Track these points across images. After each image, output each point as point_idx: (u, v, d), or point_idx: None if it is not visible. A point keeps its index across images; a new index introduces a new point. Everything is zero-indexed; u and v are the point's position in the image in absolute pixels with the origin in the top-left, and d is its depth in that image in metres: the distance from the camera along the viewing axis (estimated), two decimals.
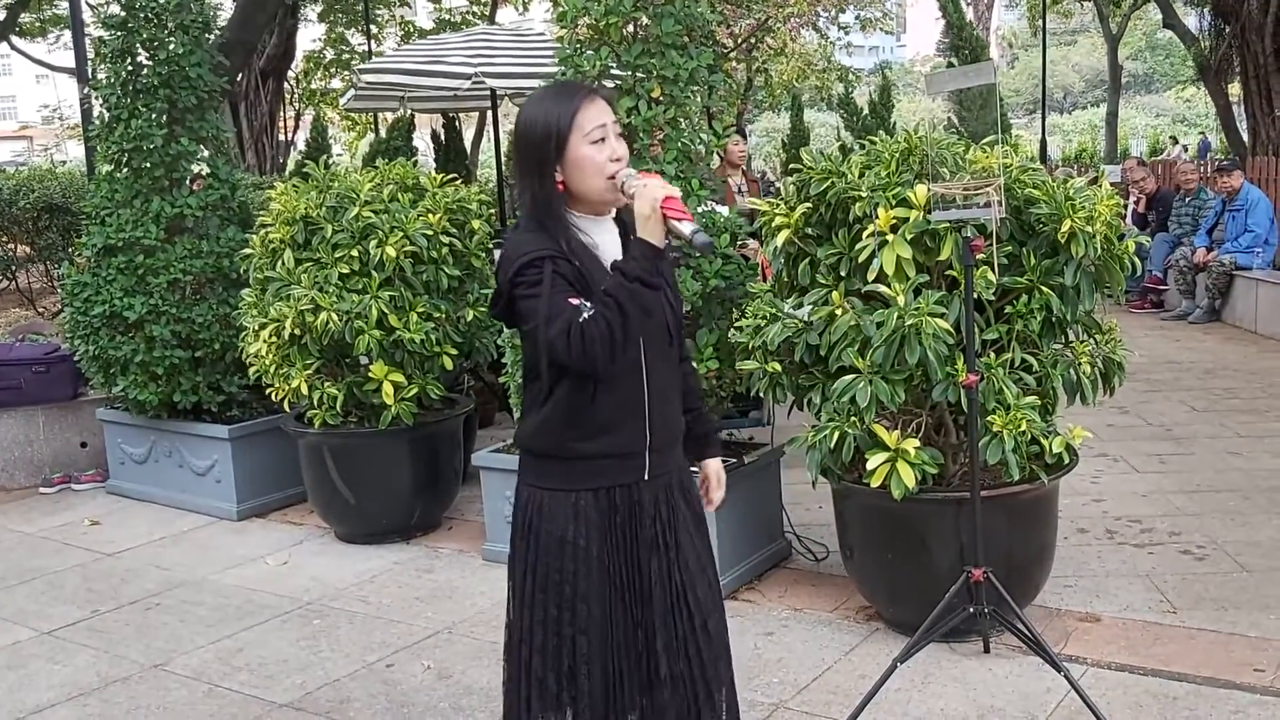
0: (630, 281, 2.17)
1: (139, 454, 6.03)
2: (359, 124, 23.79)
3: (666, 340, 2.39)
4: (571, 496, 2.36)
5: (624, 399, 2.33)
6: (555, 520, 2.36)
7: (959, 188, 3.38)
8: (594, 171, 2.29)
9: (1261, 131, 13.50)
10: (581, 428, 2.33)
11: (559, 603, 2.36)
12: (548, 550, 2.37)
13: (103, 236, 5.62)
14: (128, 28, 5.57)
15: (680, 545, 2.42)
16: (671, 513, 2.42)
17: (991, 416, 3.58)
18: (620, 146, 2.32)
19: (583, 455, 2.35)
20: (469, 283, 5.24)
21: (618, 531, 2.37)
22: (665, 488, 2.42)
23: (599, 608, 2.35)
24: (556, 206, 2.32)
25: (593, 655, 2.35)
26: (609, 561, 2.37)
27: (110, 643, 4.22)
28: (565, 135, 2.29)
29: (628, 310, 2.17)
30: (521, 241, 2.30)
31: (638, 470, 2.37)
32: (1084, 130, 37.70)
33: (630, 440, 2.36)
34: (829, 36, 26.07)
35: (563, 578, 2.35)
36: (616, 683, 2.37)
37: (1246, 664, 3.56)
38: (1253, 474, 5.52)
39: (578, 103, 2.30)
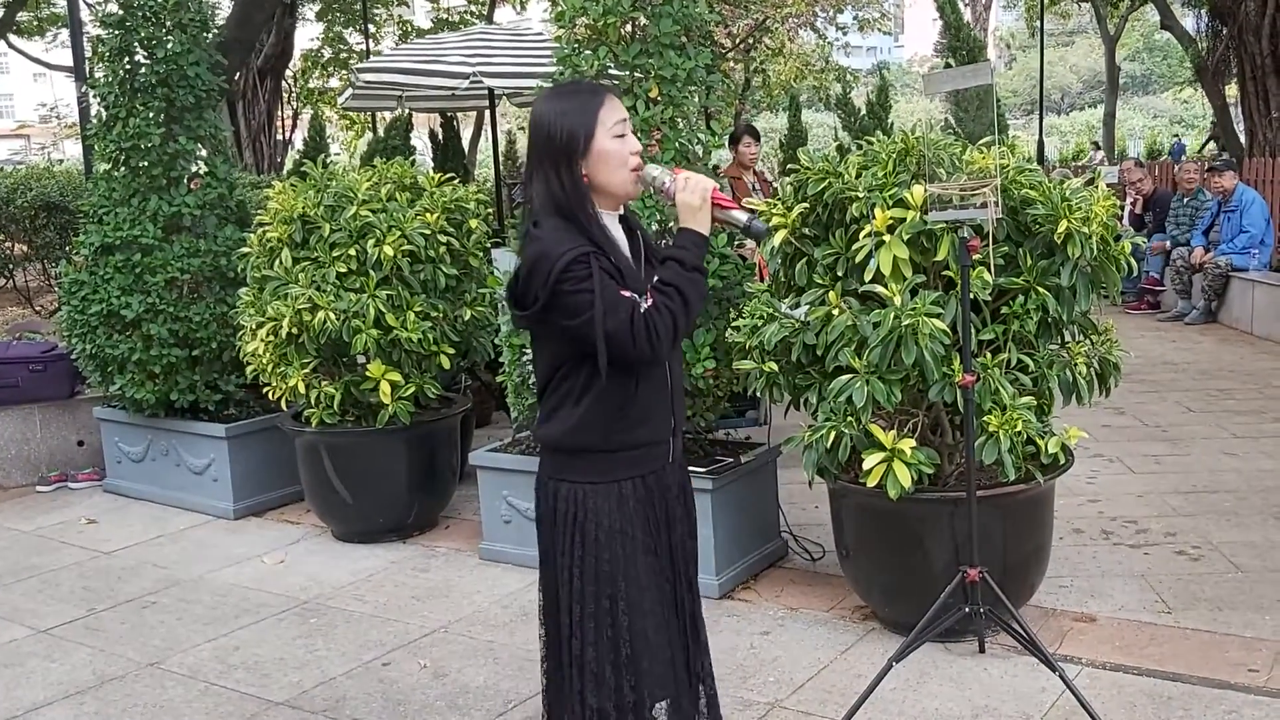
0: (689, 271, 2.30)
1: (136, 452, 6.03)
2: (357, 123, 23.80)
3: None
4: (615, 487, 2.42)
5: (656, 388, 2.44)
6: (603, 512, 2.41)
7: (955, 188, 3.39)
8: (619, 164, 2.37)
9: (1258, 133, 13.53)
10: (626, 419, 2.40)
11: (611, 594, 2.40)
12: (597, 543, 2.40)
13: (100, 235, 5.62)
14: (125, 26, 5.57)
15: (690, 524, 2.60)
16: (686, 495, 2.59)
17: (987, 417, 3.58)
18: (637, 142, 2.42)
19: (626, 446, 2.43)
20: (466, 282, 5.24)
21: (654, 514, 2.48)
22: (681, 468, 2.58)
23: (649, 592, 2.43)
24: (587, 200, 2.35)
25: (651, 636, 2.41)
26: (653, 544, 2.46)
27: (107, 641, 4.23)
28: (592, 129, 2.35)
29: (689, 298, 2.30)
30: (558, 239, 2.30)
31: (665, 455, 2.50)
32: (1081, 131, 37.74)
33: (661, 427, 2.47)
34: (827, 37, 26.10)
35: (614, 568, 2.40)
36: (674, 658, 2.46)
37: (1241, 664, 3.57)
38: (1248, 475, 5.53)
39: (601, 98, 2.39)
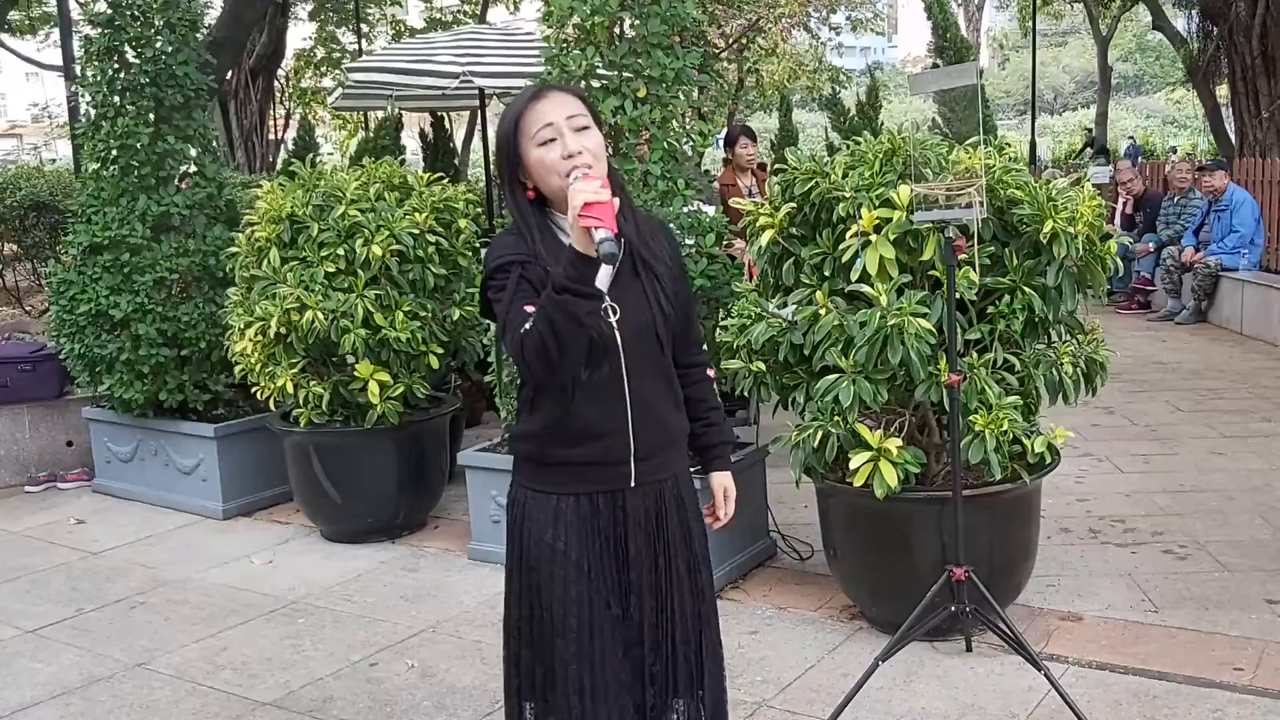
0: (558, 293, 2.08)
1: (125, 453, 6.02)
2: (350, 123, 23.77)
3: (654, 347, 2.33)
4: (553, 500, 2.34)
5: (606, 407, 2.29)
6: (536, 521, 2.35)
7: (942, 188, 3.39)
8: (547, 173, 2.24)
9: (1249, 133, 13.56)
10: (562, 434, 2.31)
11: (541, 603, 2.35)
12: (529, 551, 2.36)
13: (89, 235, 5.61)
14: (114, 25, 5.56)
15: (670, 555, 2.39)
16: (661, 520, 2.39)
17: (973, 416, 3.59)
18: (578, 140, 2.23)
19: (564, 461, 2.33)
20: (455, 282, 5.23)
21: (600, 537, 2.34)
22: (656, 495, 2.38)
23: (577, 612, 2.32)
24: (525, 211, 2.31)
25: (569, 658, 2.33)
26: (589, 567, 2.33)
27: (94, 641, 4.22)
28: (514, 141, 2.28)
29: (556, 321, 2.09)
30: (499, 245, 2.31)
31: (622, 478, 2.34)
32: (1074, 131, 37.78)
33: (612, 448, 2.32)
34: (820, 37, 26.11)
35: (541, 579, 2.34)
36: (600, 684, 2.34)
37: (1227, 663, 3.58)
38: (1236, 474, 5.54)
39: (520, 107, 2.28)
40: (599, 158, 2.26)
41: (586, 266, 2.07)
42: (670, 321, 2.36)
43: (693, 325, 2.52)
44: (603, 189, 2.08)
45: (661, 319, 2.33)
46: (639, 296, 2.30)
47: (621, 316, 2.26)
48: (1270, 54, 12.96)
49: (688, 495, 2.46)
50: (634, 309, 2.29)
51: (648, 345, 2.32)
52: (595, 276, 2.09)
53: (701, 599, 2.45)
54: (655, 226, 2.46)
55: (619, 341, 2.27)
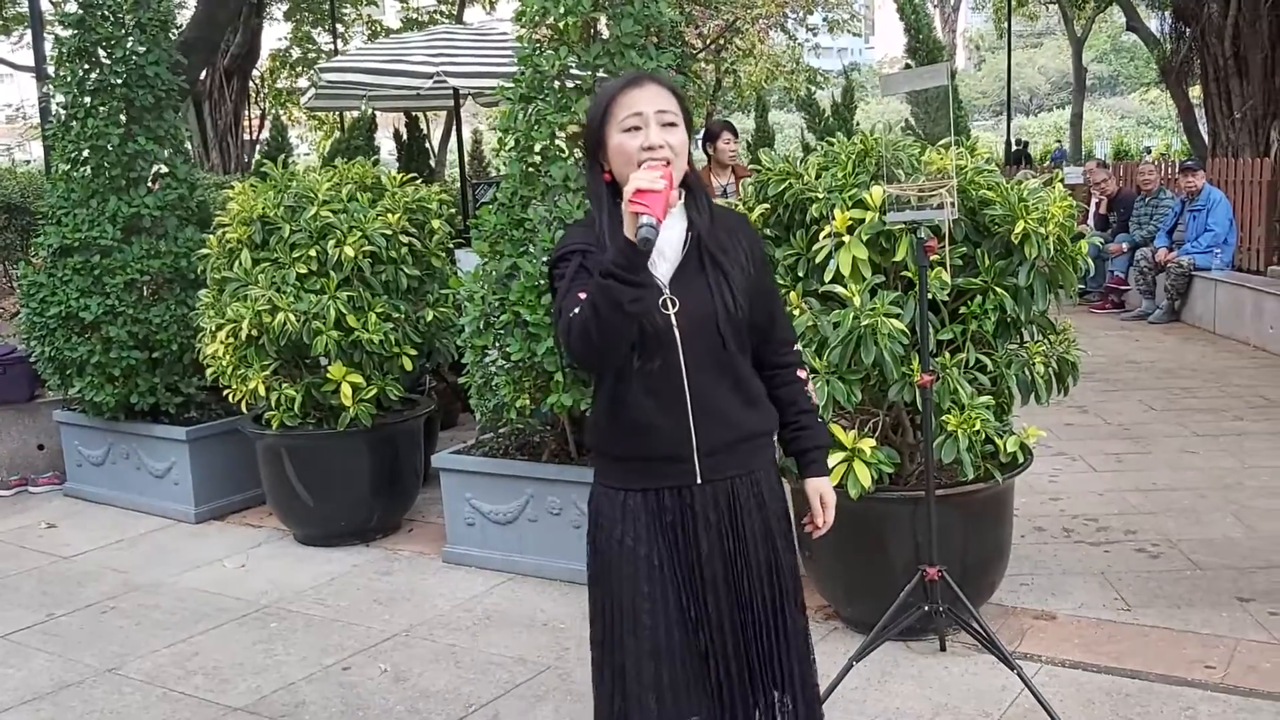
0: (604, 277, 2.09)
1: (96, 456, 5.97)
2: (326, 123, 23.66)
3: (715, 341, 2.29)
4: (620, 495, 2.33)
5: (663, 401, 2.27)
6: (607, 517, 2.35)
7: (913, 189, 3.40)
8: (624, 160, 2.23)
9: (1221, 133, 13.65)
10: (621, 428, 2.31)
11: (611, 600, 2.34)
12: (602, 547, 2.36)
13: (59, 236, 5.56)
14: (85, 26, 5.52)
15: (745, 556, 2.35)
16: (735, 518, 2.35)
17: (946, 416, 3.60)
18: (661, 135, 2.22)
19: (625, 455, 2.33)
20: (428, 283, 5.22)
21: (669, 534, 2.32)
22: (727, 493, 2.34)
23: (649, 610, 2.30)
24: (598, 195, 2.31)
25: (642, 657, 2.30)
26: (660, 562, 2.31)
27: (65, 646, 4.18)
28: (601, 124, 2.28)
29: (599, 306, 2.09)
30: (568, 235, 2.35)
31: (687, 474, 2.30)
32: (1049, 131, 38.04)
33: (672, 443, 2.29)
34: (797, 38, 26.16)
35: (613, 576, 2.33)
36: (668, 687, 2.31)
37: (1198, 661, 3.60)
38: (1208, 473, 5.58)
39: (616, 90, 2.28)
40: (680, 155, 2.25)
41: (635, 254, 2.08)
42: (735, 318, 2.30)
43: (778, 326, 2.47)
44: (660, 179, 2.10)
45: (725, 314, 2.28)
46: (702, 290, 2.28)
47: (680, 309, 2.25)
48: (1242, 55, 13.05)
49: (770, 494, 2.40)
50: (695, 302, 2.27)
51: (708, 340, 2.28)
52: (643, 265, 2.10)
53: (786, 599, 2.41)
54: (735, 224, 2.42)
55: (676, 334, 2.25)
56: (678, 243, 2.29)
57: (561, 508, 4.49)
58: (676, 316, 2.25)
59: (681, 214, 2.31)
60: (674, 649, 2.31)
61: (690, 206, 2.32)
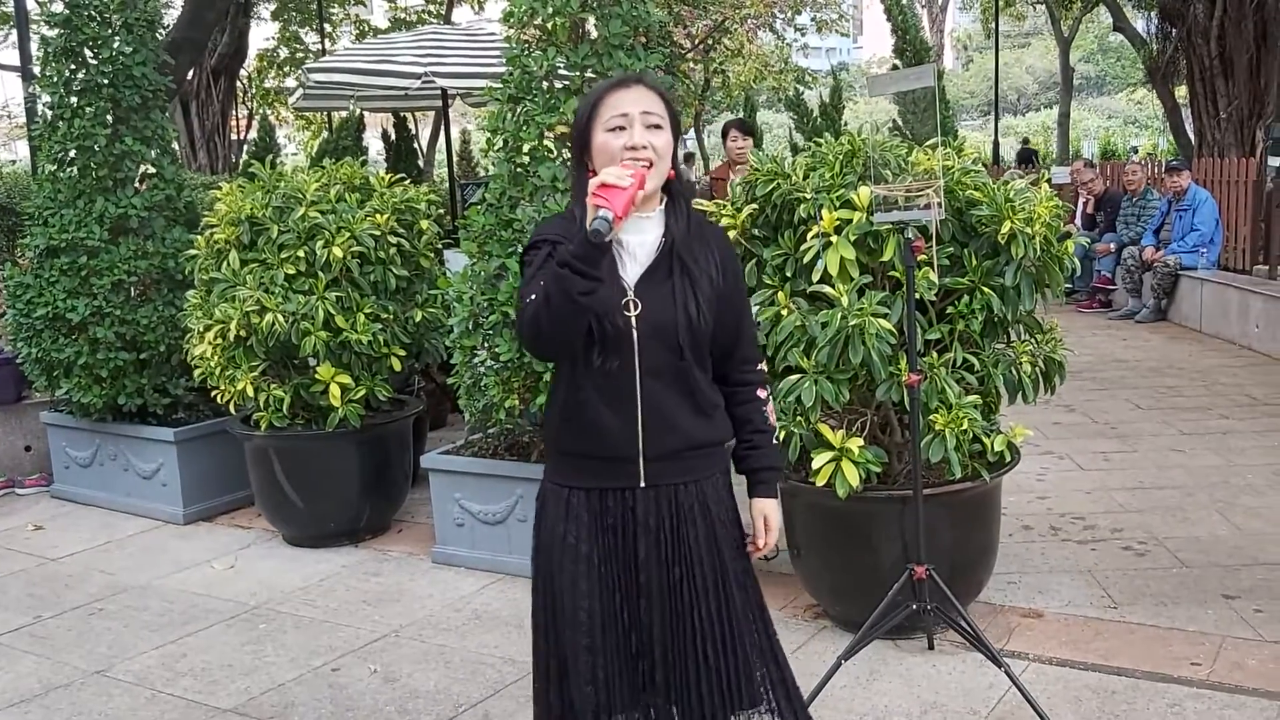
0: (560, 266, 2.10)
1: (83, 457, 5.96)
2: (314, 124, 23.60)
3: (674, 349, 2.28)
4: (565, 492, 2.36)
5: (615, 402, 2.28)
6: (551, 513, 2.38)
7: (901, 189, 3.41)
8: (606, 159, 2.24)
9: (1207, 133, 13.72)
10: (572, 425, 2.33)
11: (552, 593, 2.37)
12: (545, 542, 2.39)
13: (45, 237, 5.54)
14: (71, 26, 5.50)
15: (689, 564, 2.33)
16: (680, 527, 2.34)
17: (934, 415, 3.61)
18: (645, 136, 2.24)
19: (573, 453, 2.35)
20: (417, 283, 5.21)
21: (609, 535, 2.34)
22: (670, 500, 2.33)
23: (587, 606, 2.33)
24: (580, 191, 2.31)
25: (579, 651, 2.33)
26: (599, 562, 2.33)
27: (53, 649, 4.17)
28: (587, 124, 2.30)
29: (551, 294, 2.11)
30: (543, 225, 2.38)
31: (631, 477, 2.31)
32: (1037, 131, 38.12)
33: (619, 445, 2.30)
34: (785, 38, 26.20)
35: (554, 570, 2.36)
36: (606, 681, 2.34)
37: (1184, 658, 3.62)
38: (1194, 471, 5.61)
39: (602, 91, 2.30)
40: (663, 158, 2.26)
41: (592, 247, 2.10)
42: (697, 328, 2.30)
43: (744, 341, 2.45)
44: (629, 176, 2.12)
45: (686, 323, 2.28)
46: (666, 297, 2.28)
47: (642, 313, 2.25)
48: (1228, 55, 13.13)
49: (716, 504, 2.39)
50: (658, 308, 2.27)
51: (667, 346, 2.28)
52: (599, 258, 2.11)
53: (732, 608, 2.36)
54: (711, 235, 2.41)
55: (635, 337, 2.26)
56: (651, 247, 2.30)
57: None
58: (638, 319, 2.25)
59: (660, 219, 2.32)
60: (607, 647, 2.34)
61: (669, 213, 2.33)
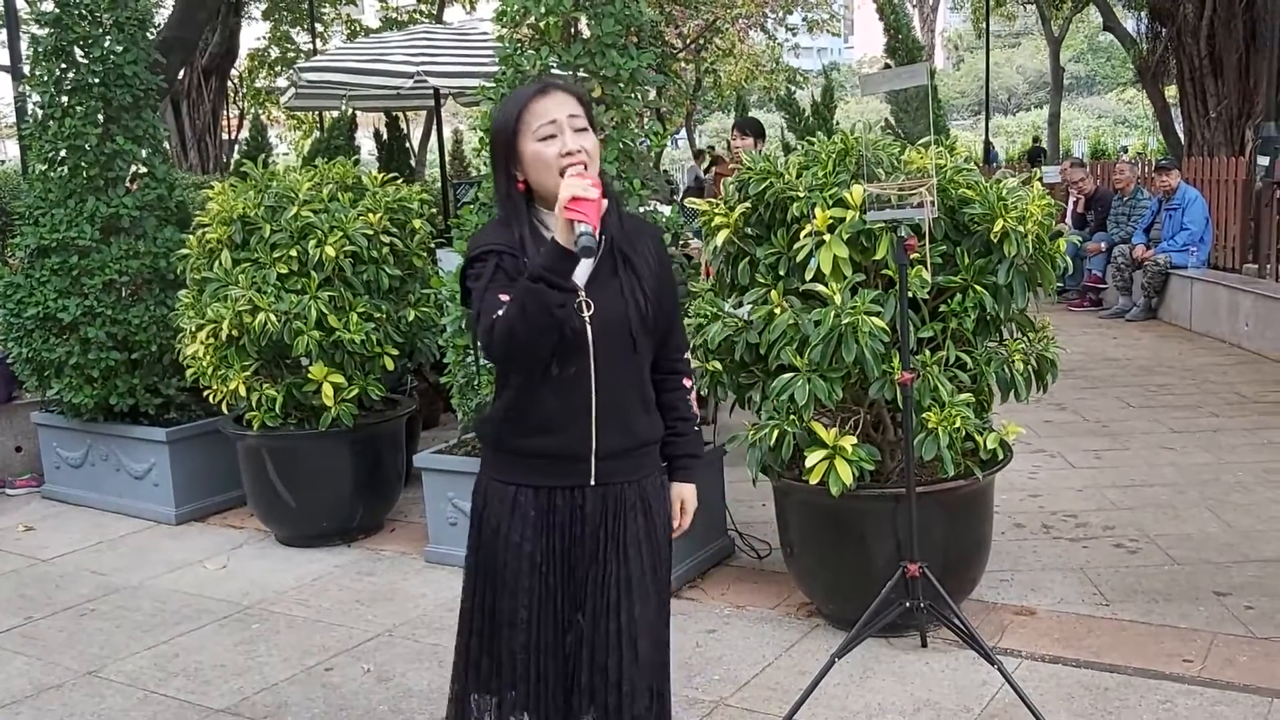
0: (533, 281, 2.13)
1: (75, 458, 5.94)
2: (306, 123, 23.55)
3: (626, 345, 2.32)
4: (511, 490, 2.36)
5: (569, 401, 2.30)
6: (495, 511, 2.38)
7: (894, 188, 3.42)
8: (543, 168, 2.27)
9: (1197, 133, 13.76)
10: (522, 424, 2.33)
11: (494, 591, 2.38)
12: (486, 539, 2.39)
13: (36, 237, 5.52)
14: (62, 25, 5.48)
15: (622, 559, 2.36)
16: (620, 524, 2.37)
17: (927, 414, 3.62)
18: (576, 140, 2.27)
19: (521, 452, 2.35)
20: (410, 283, 5.21)
21: (555, 533, 2.36)
22: (616, 498, 2.37)
23: (527, 604, 2.35)
24: (515, 203, 2.34)
25: (517, 650, 2.36)
26: (542, 561, 2.36)
27: (44, 650, 4.15)
28: (514, 133, 2.30)
29: (528, 309, 2.13)
30: (482, 235, 2.36)
31: (581, 475, 2.34)
32: (1028, 131, 38.21)
33: (572, 444, 2.32)
34: (777, 38, 26.22)
35: (496, 569, 2.37)
36: (537, 680, 2.37)
37: (1176, 655, 3.64)
38: (1185, 469, 5.63)
39: (525, 100, 2.30)
40: (593, 159, 2.30)
41: (565, 260, 2.13)
42: (647, 323, 2.35)
43: (675, 331, 2.51)
44: (592, 187, 2.14)
45: (637, 318, 2.33)
46: (615, 294, 2.31)
47: (595, 312, 2.28)
48: (1217, 55, 13.17)
49: (655, 501, 2.44)
50: (609, 306, 2.30)
51: (620, 344, 2.32)
52: (572, 271, 2.15)
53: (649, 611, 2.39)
54: (643, 230, 2.46)
55: (590, 337, 2.28)
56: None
57: None
58: (591, 319, 2.28)
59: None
60: (544, 646, 2.37)
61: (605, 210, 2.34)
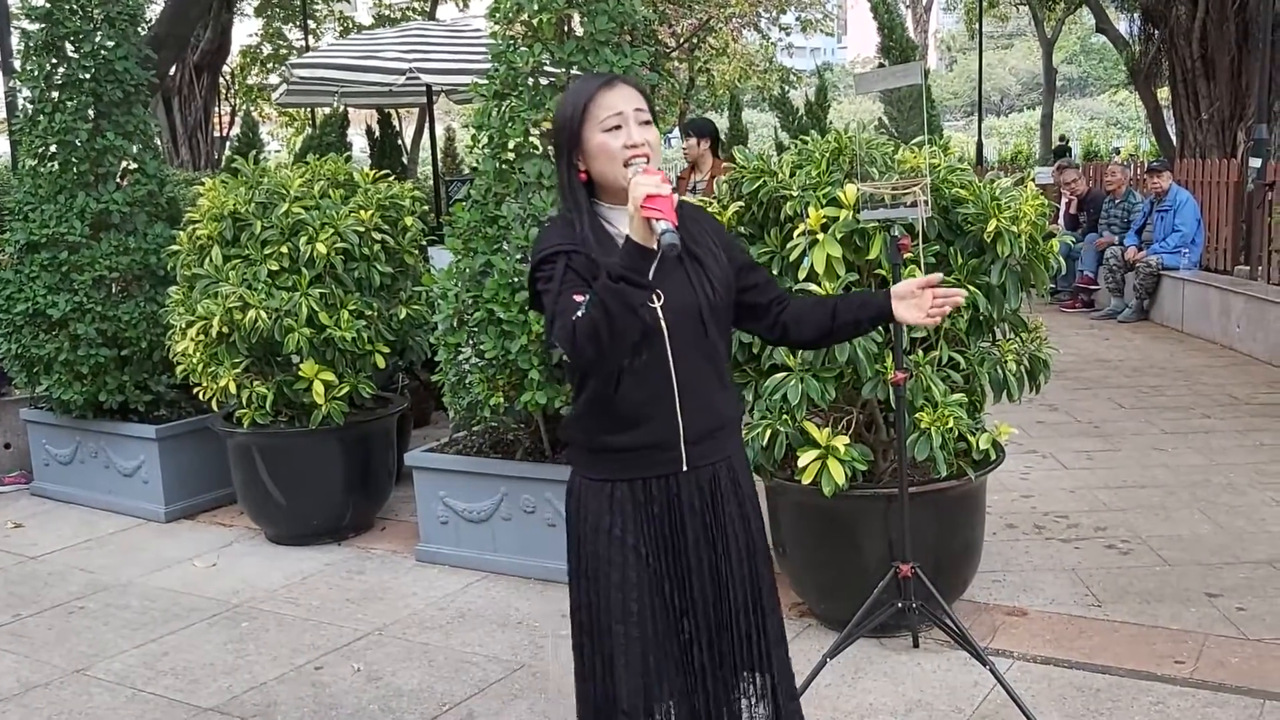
0: (614, 281, 2.13)
1: (64, 455, 5.91)
2: (297, 120, 23.51)
3: (699, 330, 2.35)
4: (607, 487, 2.37)
5: (651, 392, 2.32)
6: (593, 509, 2.38)
7: (887, 187, 3.41)
8: (608, 160, 2.28)
9: (1189, 134, 13.80)
10: (609, 421, 2.35)
11: (598, 589, 2.38)
12: (587, 538, 2.39)
13: (25, 232, 5.49)
14: (52, 20, 5.46)
15: (727, 538, 2.41)
16: (716, 504, 2.41)
17: (920, 414, 3.61)
18: (641, 133, 2.29)
19: (613, 448, 2.36)
20: (401, 280, 5.19)
21: (655, 522, 2.38)
22: (709, 479, 2.41)
23: (637, 598, 2.36)
24: (576, 195, 2.34)
25: (630, 643, 2.35)
26: (647, 552, 2.37)
27: (32, 647, 4.13)
28: (579, 124, 2.30)
29: (611, 309, 2.13)
30: (547, 234, 2.35)
31: (673, 462, 2.36)
32: (1020, 132, 38.29)
33: (661, 433, 2.35)
34: (770, 37, 26.25)
35: (599, 566, 2.37)
36: (654, 671, 2.38)
37: (1167, 656, 3.63)
38: (1176, 470, 5.63)
39: (592, 90, 2.31)
40: (656, 152, 2.30)
41: (642, 257, 2.14)
42: (716, 305, 2.38)
43: (771, 284, 2.57)
44: (664, 183, 2.14)
45: (707, 304, 2.35)
46: (683, 282, 2.33)
47: (666, 302, 2.30)
48: (1209, 57, 13.20)
49: (744, 479, 2.48)
50: (678, 294, 2.32)
51: (693, 329, 2.35)
52: (650, 267, 2.15)
53: (763, 583, 2.47)
54: (697, 214, 2.49)
55: (664, 326, 2.30)
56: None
57: (535, 506, 4.48)
58: (663, 310, 2.29)
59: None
60: (659, 636, 2.38)
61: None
